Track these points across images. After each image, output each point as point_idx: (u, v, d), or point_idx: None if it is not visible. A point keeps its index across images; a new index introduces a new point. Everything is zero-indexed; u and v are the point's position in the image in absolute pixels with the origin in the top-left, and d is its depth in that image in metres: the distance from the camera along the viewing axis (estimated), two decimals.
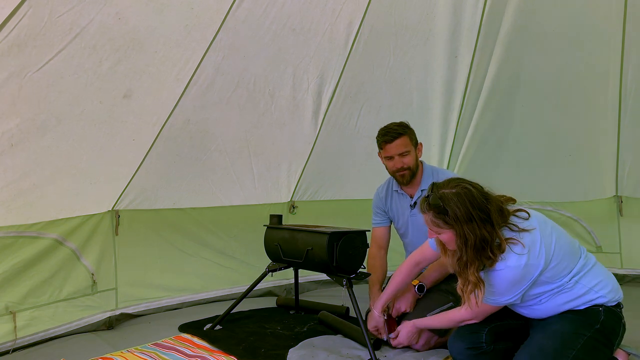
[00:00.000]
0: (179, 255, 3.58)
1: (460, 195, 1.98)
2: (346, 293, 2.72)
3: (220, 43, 2.97)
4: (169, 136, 3.15)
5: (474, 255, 1.98)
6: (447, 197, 1.99)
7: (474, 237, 1.95)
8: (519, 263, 1.96)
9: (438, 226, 2.02)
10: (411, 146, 2.86)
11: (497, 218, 1.99)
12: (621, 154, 4.12)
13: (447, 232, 2.02)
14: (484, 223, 1.96)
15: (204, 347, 2.72)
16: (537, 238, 2.00)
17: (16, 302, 2.75)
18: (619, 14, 3.63)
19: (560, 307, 2.09)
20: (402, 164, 2.85)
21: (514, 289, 2.01)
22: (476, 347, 2.16)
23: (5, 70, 2.27)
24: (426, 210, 2.04)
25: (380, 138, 2.90)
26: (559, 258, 2.02)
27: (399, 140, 2.83)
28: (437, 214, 2.00)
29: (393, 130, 2.86)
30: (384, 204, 3.08)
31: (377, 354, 2.50)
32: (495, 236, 1.97)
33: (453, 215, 1.96)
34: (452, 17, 3.63)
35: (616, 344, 2.10)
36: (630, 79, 3.85)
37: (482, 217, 1.96)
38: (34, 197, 2.76)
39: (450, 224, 1.98)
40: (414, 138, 2.90)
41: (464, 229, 1.96)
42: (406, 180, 2.90)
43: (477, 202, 1.98)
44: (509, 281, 1.99)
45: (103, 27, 2.47)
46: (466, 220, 1.95)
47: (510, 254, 1.97)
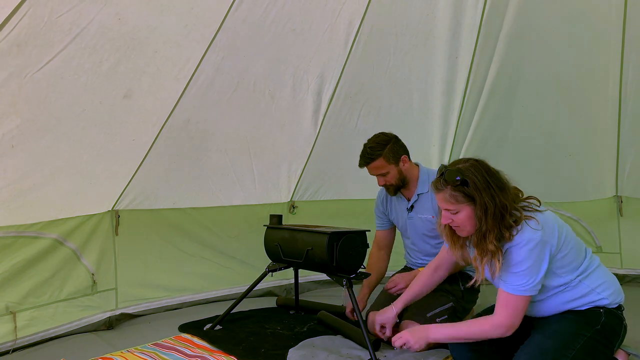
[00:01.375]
0: (179, 255, 3.58)
1: (476, 166, 1.99)
2: (346, 293, 2.72)
3: (220, 43, 2.97)
4: (169, 136, 3.15)
5: (493, 223, 1.95)
6: (464, 169, 1.99)
7: (494, 205, 1.95)
8: (536, 236, 1.93)
9: (456, 201, 1.99)
10: (389, 165, 2.84)
11: (513, 195, 2.01)
12: (621, 154, 4.12)
13: (465, 208, 1.99)
14: (501, 191, 1.97)
15: (204, 347, 2.72)
16: (549, 218, 2.01)
17: (16, 302, 2.75)
18: (619, 14, 3.62)
19: (562, 305, 2.08)
20: (384, 181, 2.90)
21: (537, 264, 1.95)
22: (477, 350, 2.16)
23: (5, 70, 2.28)
24: (442, 187, 2.00)
25: (359, 159, 2.91)
26: (568, 248, 2.02)
27: (373, 164, 2.85)
28: (456, 187, 1.97)
29: (367, 154, 2.85)
30: (384, 207, 3.11)
31: (377, 354, 2.49)
32: (512, 206, 1.98)
33: (473, 184, 1.95)
34: (452, 18, 3.63)
35: (617, 345, 2.10)
36: (630, 79, 3.84)
37: (499, 185, 1.98)
38: (34, 197, 2.76)
39: (471, 194, 1.96)
40: (392, 156, 2.84)
41: (484, 197, 1.95)
42: (392, 193, 2.96)
43: (492, 171, 2.01)
44: (532, 254, 1.94)
45: (103, 27, 2.47)
46: (485, 187, 1.95)
47: (526, 227, 1.95)
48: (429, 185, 2.86)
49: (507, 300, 2.01)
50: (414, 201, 2.94)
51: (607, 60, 3.85)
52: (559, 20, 3.74)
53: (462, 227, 2.04)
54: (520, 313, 2.01)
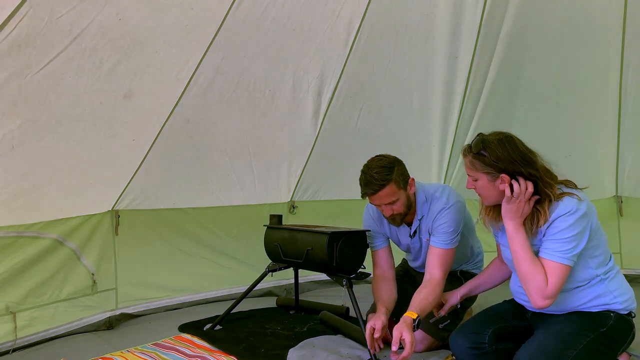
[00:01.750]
0: (178, 255, 3.58)
1: (502, 141, 2.01)
2: (346, 293, 2.72)
3: (220, 43, 2.97)
4: (169, 136, 3.15)
5: (527, 184, 1.99)
6: (489, 141, 2.02)
7: (521, 173, 1.98)
8: (582, 207, 1.95)
9: (475, 168, 2.04)
10: (399, 191, 2.51)
11: (543, 170, 2.01)
12: (621, 154, 4.13)
13: (482, 177, 2.04)
14: (525, 164, 1.98)
15: (204, 347, 2.73)
16: (589, 201, 2.01)
17: (16, 302, 2.75)
18: (619, 14, 3.63)
19: (578, 303, 2.07)
20: (391, 211, 2.55)
21: (582, 233, 1.95)
22: (478, 347, 2.15)
23: (5, 70, 2.27)
24: (467, 153, 2.07)
25: (362, 188, 2.53)
26: (600, 239, 2.03)
27: (383, 191, 2.48)
28: (476, 154, 2.03)
29: (375, 180, 2.47)
30: (379, 227, 2.83)
31: (377, 354, 2.50)
32: (544, 178, 1.99)
33: (493, 155, 1.99)
34: (452, 17, 3.63)
35: (621, 350, 2.10)
36: (630, 79, 3.85)
37: (525, 160, 1.99)
38: (34, 197, 2.76)
39: (489, 164, 2.00)
40: (401, 180, 2.52)
41: (507, 169, 1.98)
42: (398, 223, 2.67)
43: (520, 149, 2.01)
44: (577, 223, 1.94)
45: (103, 28, 2.47)
46: (507, 160, 1.98)
47: (570, 198, 1.96)
48: (427, 207, 2.65)
49: (555, 268, 1.97)
50: (416, 227, 2.70)
51: (607, 60, 3.85)
52: (559, 20, 3.74)
53: (482, 195, 2.11)
54: (562, 283, 1.98)
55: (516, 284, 2.21)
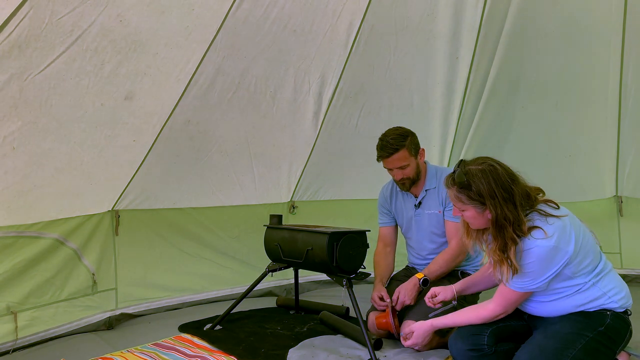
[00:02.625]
0: (179, 255, 3.59)
1: (485, 172, 2.01)
2: (346, 293, 2.73)
3: (220, 44, 2.98)
4: (170, 137, 3.16)
5: (496, 232, 2.01)
6: (472, 173, 2.02)
7: (495, 214, 1.99)
8: (550, 243, 1.95)
9: (461, 202, 2.06)
10: (410, 157, 2.82)
11: (520, 200, 2.01)
12: (621, 154, 4.13)
13: (469, 209, 2.06)
14: (506, 202, 1.98)
15: (204, 347, 2.73)
16: (567, 224, 2.00)
17: (17, 302, 2.75)
18: (619, 14, 3.63)
19: (572, 308, 2.09)
20: (402, 175, 2.84)
21: (543, 271, 1.99)
22: (477, 349, 2.15)
23: (6, 72, 2.28)
24: (450, 185, 2.09)
25: (378, 152, 2.84)
26: (584, 253, 2.03)
27: (396, 155, 2.78)
28: (461, 188, 2.04)
29: (390, 145, 2.78)
30: (388, 203, 3.08)
31: (377, 354, 2.50)
32: (518, 218, 1.98)
33: (477, 190, 2.00)
34: (452, 18, 3.64)
35: (620, 348, 2.10)
36: (630, 79, 3.85)
37: (505, 196, 1.99)
38: (35, 198, 2.77)
39: (474, 199, 2.02)
40: (413, 148, 2.84)
41: (487, 204, 2.00)
42: (407, 188, 2.91)
43: (502, 180, 2.01)
44: (540, 259, 1.96)
45: (104, 29, 2.47)
46: (489, 195, 1.99)
47: (537, 234, 1.97)
48: (436, 181, 2.89)
49: (504, 291, 2.11)
50: (422, 197, 2.93)
51: (607, 60, 3.85)
52: (559, 20, 3.74)
53: (472, 224, 2.13)
54: (512, 304, 2.13)
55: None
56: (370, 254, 2.93)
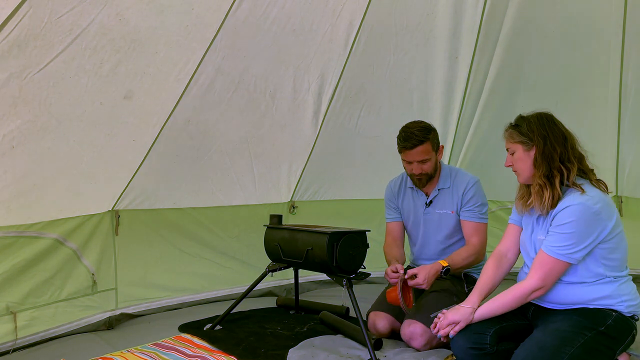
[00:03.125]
0: (179, 255, 3.58)
1: (540, 115, 2.15)
2: (346, 293, 2.72)
3: (220, 43, 2.97)
4: (169, 136, 3.15)
5: (541, 160, 2.07)
6: (528, 115, 2.17)
7: (543, 144, 2.07)
8: (594, 206, 1.97)
9: (512, 139, 2.16)
10: (432, 152, 2.79)
11: (572, 151, 2.10)
12: (621, 154, 4.13)
13: (518, 148, 2.15)
14: (556, 139, 2.08)
15: (204, 347, 2.73)
16: (611, 202, 2.05)
17: (17, 302, 2.75)
18: (619, 14, 3.63)
19: (585, 299, 2.08)
20: (420, 170, 2.80)
21: (586, 234, 1.98)
22: (479, 348, 2.15)
23: (5, 71, 2.27)
24: (508, 128, 2.21)
25: (401, 143, 2.78)
26: (617, 243, 2.04)
27: (420, 147, 2.74)
28: (514, 126, 2.17)
29: (415, 136, 2.73)
30: (396, 198, 3.05)
31: (377, 354, 2.50)
32: (568, 156, 2.07)
33: (527, 126, 2.11)
34: (452, 18, 3.64)
35: (620, 350, 2.09)
36: (630, 79, 3.85)
37: (556, 134, 2.09)
38: (34, 197, 2.76)
39: (524, 134, 2.11)
40: (435, 142, 2.82)
41: (536, 136, 2.09)
42: (422, 184, 2.89)
43: (557, 126, 2.12)
44: (582, 219, 1.97)
45: (104, 28, 2.47)
46: (538, 129, 2.09)
47: (588, 192, 2.00)
48: (450, 181, 2.88)
49: (543, 261, 2.07)
50: (433, 196, 2.91)
51: (607, 60, 3.85)
52: (559, 20, 3.74)
53: (519, 170, 2.18)
54: (553, 276, 2.07)
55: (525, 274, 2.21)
56: (370, 254, 2.91)
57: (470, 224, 2.83)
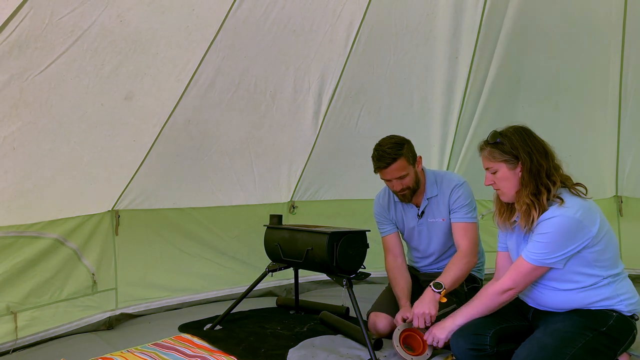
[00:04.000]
0: (179, 255, 3.59)
1: (519, 130, 2.14)
2: (346, 293, 2.73)
3: (220, 44, 2.97)
4: (170, 137, 3.16)
5: (529, 178, 2.06)
6: (505, 131, 2.15)
7: (529, 161, 2.06)
8: (575, 215, 1.97)
9: (493, 158, 2.13)
10: (409, 166, 2.71)
11: (553, 164, 2.10)
12: (621, 154, 4.13)
13: (501, 167, 2.12)
14: (540, 154, 2.08)
15: (204, 347, 2.73)
16: (593, 206, 2.05)
17: (17, 302, 2.75)
18: (619, 14, 3.63)
19: (582, 303, 2.10)
20: (401, 185, 2.75)
21: (563, 244, 2.00)
22: (478, 349, 2.14)
23: (6, 72, 2.27)
24: (485, 146, 2.17)
25: (375, 163, 2.72)
26: (607, 243, 2.05)
27: (395, 165, 2.67)
28: (494, 144, 2.13)
29: (387, 154, 2.67)
30: (387, 212, 2.99)
31: (377, 354, 2.50)
32: (551, 170, 2.07)
33: (509, 143, 2.09)
34: (452, 18, 3.63)
35: (621, 350, 2.09)
36: (630, 79, 3.85)
37: (539, 149, 2.09)
38: (35, 198, 2.77)
39: (507, 152, 2.09)
40: (410, 156, 2.73)
41: (520, 153, 2.07)
42: (407, 199, 2.83)
43: (536, 138, 2.13)
44: (561, 230, 1.98)
45: (105, 30, 2.47)
46: (522, 145, 2.08)
47: (567, 202, 2.00)
48: (437, 189, 2.83)
49: (518, 265, 2.11)
50: (424, 206, 2.86)
51: (607, 60, 3.85)
52: (559, 20, 3.74)
53: (502, 189, 2.16)
54: (524, 279, 2.10)
55: (525, 290, 2.23)
56: (370, 254, 2.92)
57: (458, 225, 2.78)
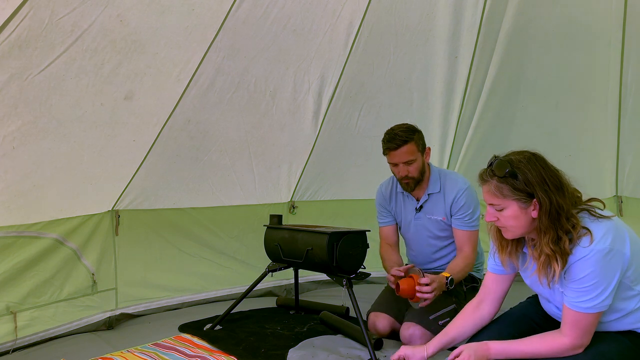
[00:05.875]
0: (179, 255, 3.58)
1: (532, 160, 1.78)
2: (346, 293, 2.73)
3: (220, 44, 2.97)
4: (170, 136, 3.16)
5: (548, 223, 1.75)
6: (517, 161, 1.78)
7: (549, 202, 1.74)
8: (604, 247, 1.70)
9: (502, 194, 1.78)
10: (417, 153, 2.74)
11: (568, 193, 1.79)
12: (621, 154, 4.13)
13: (511, 205, 1.78)
14: (557, 190, 1.75)
15: (204, 347, 2.73)
16: (619, 224, 1.79)
17: (17, 302, 2.75)
18: (619, 14, 3.63)
19: (622, 327, 1.88)
20: (406, 172, 2.76)
21: (608, 279, 1.72)
22: None
23: (6, 72, 2.27)
24: (489, 178, 1.81)
25: (385, 144, 2.76)
26: (637, 266, 1.78)
27: (404, 147, 2.70)
28: (502, 178, 1.77)
29: (398, 136, 2.71)
30: (387, 202, 3.02)
31: (377, 354, 2.50)
32: (570, 211, 1.76)
33: (524, 178, 1.75)
34: (452, 17, 3.63)
35: None
36: (630, 79, 3.85)
37: (556, 184, 1.76)
38: (34, 197, 2.76)
39: (520, 189, 1.75)
40: (421, 143, 2.78)
41: (538, 192, 1.74)
42: (410, 189, 2.84)
43: (550, 168, 1.79)
44: (600, 266, 1.70)
45: (104, 29, 2.47)
46: (539, 182, 1.74)
47: (595, 234, 1.72)
48: (440, 185, 2.83)
49: (575, 319, 1.80)
50: (423, 201, 2.87)
51: (607, 60, 3.85)
52: (559, 19, 3.74)
53: (508, 227, 1.85)
54: (591, 330, 1.81)
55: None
56: (370, 254, 2.92)
57: (461, 232, 2.79)
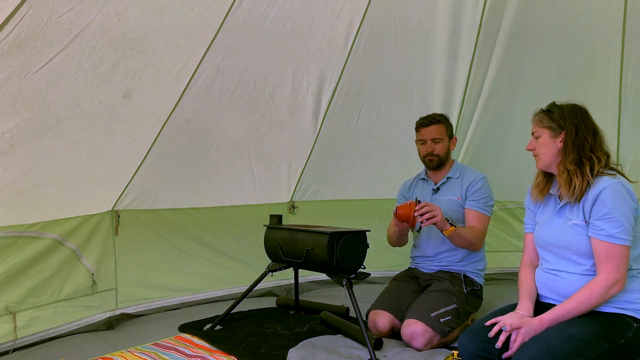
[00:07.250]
0: (179, 255, 3.58)
1: (575, 106, 2.14)
2: (346, 293, 2.72)
3: (220, 43, 2.97)
4: (169, 136, 3.15)
5: (572, 147, 2.07)
6: (562, 104, 2.15)
7: (575, 133, 2.07)
8: (621, 184, 1.98)
9: (541, 123, 2.15)
10: (445, 135, 3.05)
11: (601, 145, 2.09)
12: (621, 154, 4.12)
13: (545, 132, 2.14)
14: (587, 131, 2.08)
15: (204, 347, 2.72)
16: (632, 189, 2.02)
17: (16, 302, 2.75)
18: (619, 14, 3.63)
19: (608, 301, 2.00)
20: (432, 149, 3.03)
21: (628, 208, 1.95)
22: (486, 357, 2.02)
23: (5, 70, 2.27)
24: (539, 112, 2.19)
25: (418, 121, 3.11)
26: (638, 232, 1.99)
27: (435, 126, 3.03)
28: (546, 111, 2.15)
29: (432, 117, 3.08)
30: (407, 191, 3.24)
31: (377, 354, 2.50)
32: (596, 146, 2.07)
33: (560, 113, 2.11)
34: (452, 17, 3.63)
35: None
36: (630, 79, 3.85)
37: (589, 127, 2.09)
38: (34, 197, 2.76)
39: (554, 120, 2.11)
40: (449, 130, 3.10)
41: (567, 124, 2.08)
42: (434, 165, 3.06)
43: (590, 119, 2.12)
44: (619, 196, 1.96)
45: (103, 28, 2.47)
46: (570, 118, 2.09)
47: (609, 176, 2.01)
48: (459, 173, 3.06)
49: (608, 252, 1.95)
50: (441, 183, 3.08)
51: (607, 60, 3.85)
52: (559, 20, 3.74)
53: (540, 155, 2.17)
54: (624, 264, 1.94)
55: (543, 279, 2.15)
56: (370, 254, 2.91)
57: (473, 212, 2.94)
